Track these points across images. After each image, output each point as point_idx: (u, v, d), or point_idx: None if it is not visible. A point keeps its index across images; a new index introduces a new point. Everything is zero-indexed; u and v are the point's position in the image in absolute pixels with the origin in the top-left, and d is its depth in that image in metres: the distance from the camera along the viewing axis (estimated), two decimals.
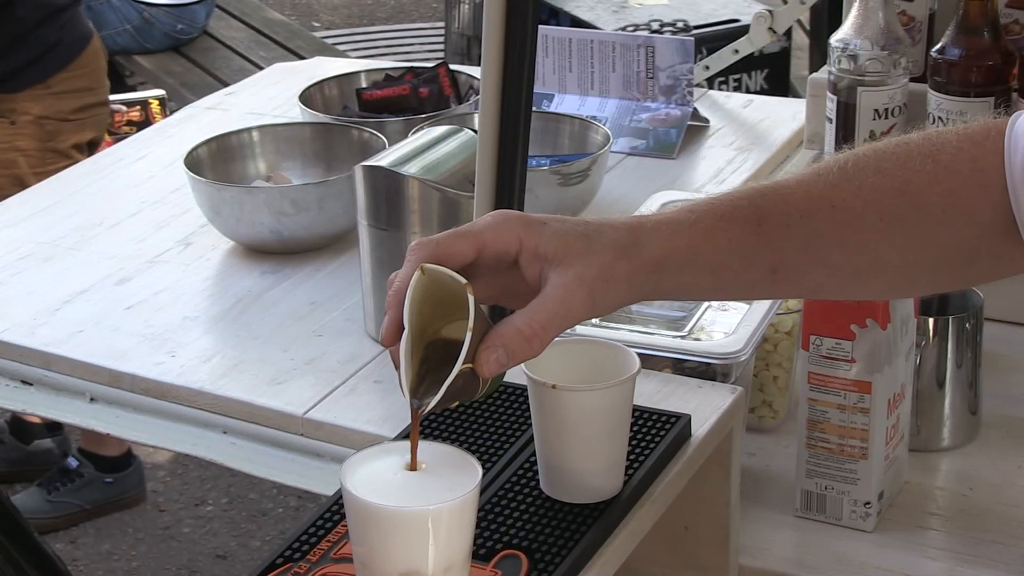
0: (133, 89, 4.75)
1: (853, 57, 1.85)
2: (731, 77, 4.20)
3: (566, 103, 2.44)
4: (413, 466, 0.99)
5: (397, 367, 0.99)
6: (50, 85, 3.15)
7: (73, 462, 3.25)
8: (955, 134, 1.08)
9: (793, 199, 1.07)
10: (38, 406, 1.85)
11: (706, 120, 2.43)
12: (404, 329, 0.97)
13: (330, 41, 6.15)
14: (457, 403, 1.02)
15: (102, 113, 3.30)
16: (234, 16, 5.44)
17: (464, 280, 0.97)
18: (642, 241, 1.03)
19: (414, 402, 0.99)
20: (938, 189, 1.07)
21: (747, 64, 4.09)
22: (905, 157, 1.08)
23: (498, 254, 1.01)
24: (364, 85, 2.46)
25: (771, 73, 4.34)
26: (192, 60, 5.04)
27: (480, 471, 0.99)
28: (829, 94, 1.90)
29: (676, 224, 1.05)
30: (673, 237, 1.04)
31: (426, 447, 1.01)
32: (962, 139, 1.08)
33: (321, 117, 2.28)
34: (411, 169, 1.69)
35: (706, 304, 1.52)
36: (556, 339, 1.02)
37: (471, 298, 0.96)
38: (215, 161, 2.14)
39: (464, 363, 0.96)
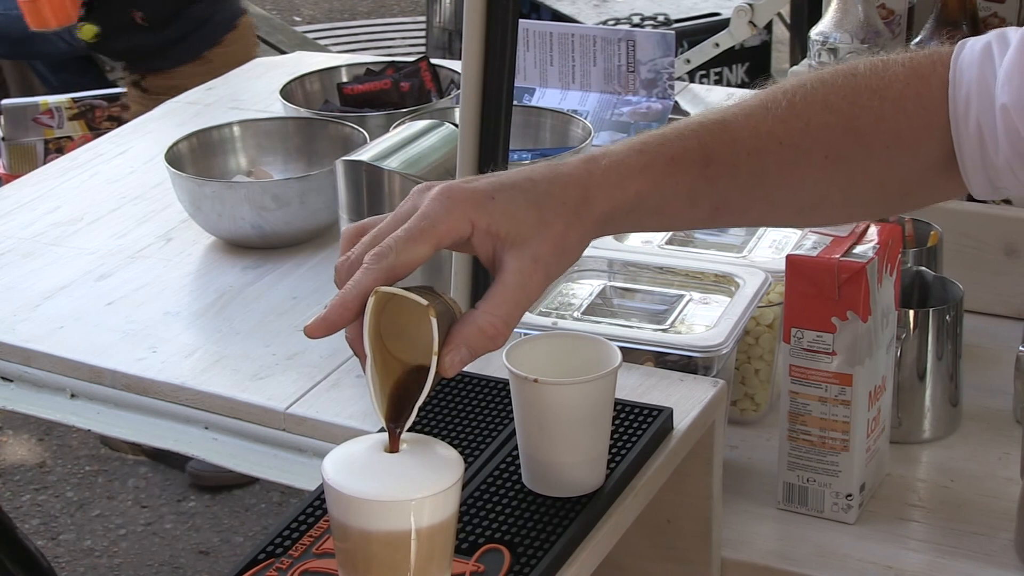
0: (114, 84, 4.72)
1: (833, 50, 1.85)
2: (712, 71, 4.21)
3: (547, 97, 2.44)
4: (394, 448, 1.00)
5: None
6: (209, 59, 3.20)
7: None
8: (902, 66, 1.09)
9: (741, 136, 1.08)
10: (18, 402, 1.84)
11: (687, 113, 2.43)
12: (367, 356, 0.98)
13: (311, 36, 6.14)
14: None
15: None
16: None
17: (425, 302, 0.97)
18: (592, 196, 1.04)
19: (391, 425, 1.00)
20: (884, 127, 1.08)
21: (728, 57, 4.10)
22: (853, 92, 1.08)
23: (453, 243, 1.01)
24: (345, 80, 2.45)
25: (752, 66, 4.34)
26: None
27: (462, 462, 0.99)
28: None
29: (626, 169, 1.06)
30: (623, 184, 1.05)
31: (408, 438, 1.01)
32: (909, 73, 1.09)
33: (302, 112, 2.28)
34: (392, 163, 1.68)
35: (688, 297, 1.52)
36: (538, 333, 1.02)
37: (434, 321, 0.97)
38: (196, 156, 2.13)
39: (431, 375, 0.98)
